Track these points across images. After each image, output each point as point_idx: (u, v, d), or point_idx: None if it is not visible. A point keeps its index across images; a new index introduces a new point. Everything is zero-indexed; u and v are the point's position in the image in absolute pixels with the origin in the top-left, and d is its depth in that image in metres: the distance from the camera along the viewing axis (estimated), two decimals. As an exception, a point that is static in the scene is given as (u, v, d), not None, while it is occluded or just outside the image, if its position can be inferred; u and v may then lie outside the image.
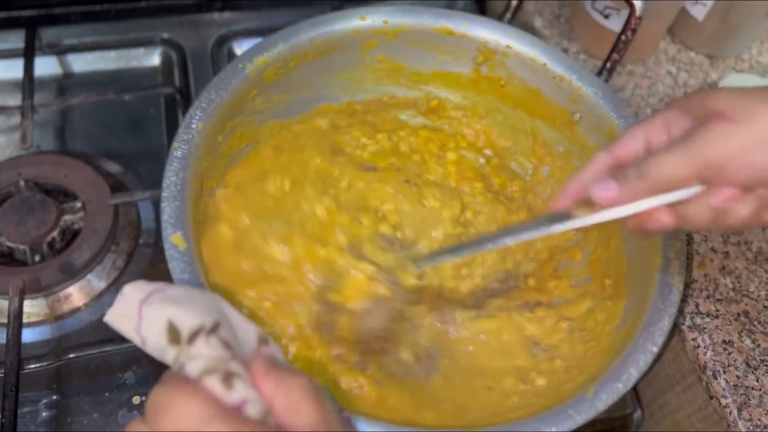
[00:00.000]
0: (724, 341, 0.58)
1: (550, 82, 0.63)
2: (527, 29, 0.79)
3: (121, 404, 0.58)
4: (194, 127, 0.52)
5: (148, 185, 0.70)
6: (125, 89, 0.75)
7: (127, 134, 0.76)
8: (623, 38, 0.63)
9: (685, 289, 0.59)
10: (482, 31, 0.64)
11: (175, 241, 0.46)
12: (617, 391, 0.45)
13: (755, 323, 0.60)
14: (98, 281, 0.64)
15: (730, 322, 0.59)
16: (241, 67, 0.57)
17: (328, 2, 0.85)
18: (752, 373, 0.56)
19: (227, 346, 0.32)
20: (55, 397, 0.57)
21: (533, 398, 0.52)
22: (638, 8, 0.61)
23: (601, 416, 0.45)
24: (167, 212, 0.47)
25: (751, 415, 0.54)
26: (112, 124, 0.76)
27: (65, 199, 0.67)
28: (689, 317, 0.59)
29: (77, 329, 0.62)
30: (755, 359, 0.57)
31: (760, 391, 0.55)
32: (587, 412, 0.44)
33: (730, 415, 0.54)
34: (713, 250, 0.64)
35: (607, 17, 0.75)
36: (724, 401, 0.55)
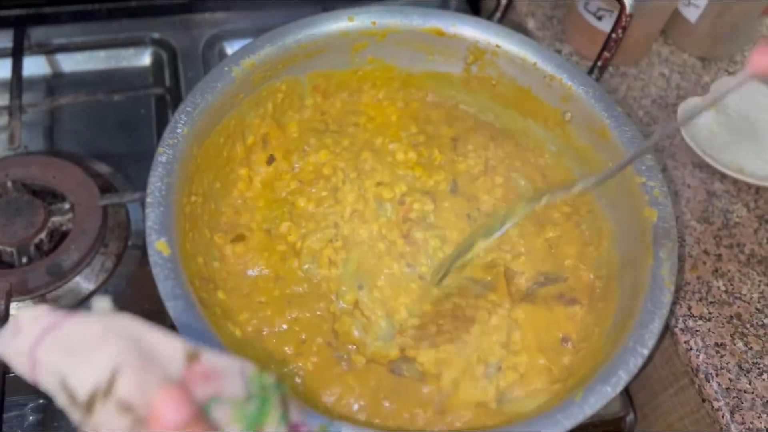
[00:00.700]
0: (716, 344, 0.58)
1: (540, 81, 0.63)
2: (519, 30, 0.79)
3: (108, 407, 0.57)
4: (179, 131, 0.52)
5: (137, 186, 0.70)
6: (115, 89, 0.75)
7: (116, 135, 0.76)
8: (614, 36, 0.62)
9: (677, 291, 0.59)
10: (472, 30, 0.63)
11: (159, 247, 0.46)
12: (606, 394, 0.44)
13: (747, 326, 0.59)
14: (87, 283, 0.63)
15: (722, 324, 0.59)
16: (227, 70, 0.56)
17: (320, 2, 0.84)
18: (745, 376, 0.56)
19: (127, 408, 0.28)
20: (41, 401, 0.57)
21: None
22: (629, 6, 0.60)
23: (592, 419, 0.45)
24: (152, 218, 0.47)
25: (743, 418, 0.54)
26: (101, 124, 0.76)
27: (53, 200, 0.66)
28: (682, 320, 0.59)
29: (65, 332, 0.61)
30: (748, 362, 0.57)
31: (752, 394, 0.55)
32: (575, 416, 0.44)
33: (722, 418, 0.54)
34: (706, 252, 0.64)
35: (600, 19, 0.75)
36: (716, 404, 0.55)
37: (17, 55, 0.74)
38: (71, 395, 0.29)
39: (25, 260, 0.62)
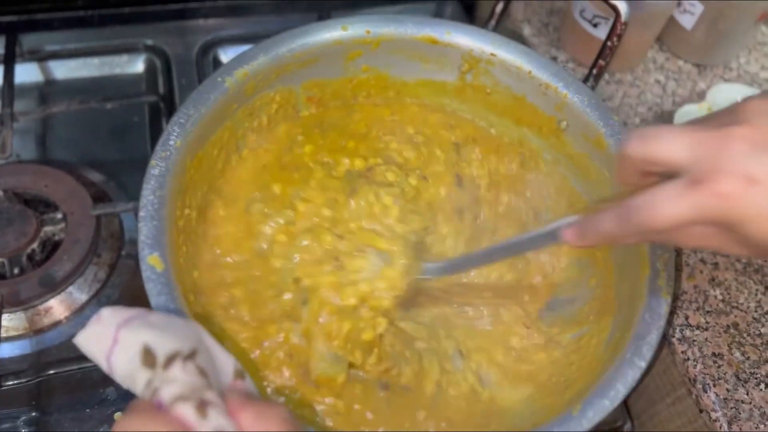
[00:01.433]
0: (714, 354, 0.58)
1: (536, 89, 0.63)
2: (516, 37, 0.79)
3: (102, 420, 0.56)
4: (172, 143, 0.51)
5: (131, 195, 0.69)
6: (108, 97, 0.74)
7: (109, 143, 0.75)
8: (609, 44, 0.62)
9: (674, 300, 0.59)
10: (466, 39, 0.63)
11: (152, 262, 0.45)
12: (604, 408, 0.44)
13: (745, 335, 0.59)
14: (80, 294, 0.63)
15: (719, 334, 0.59)
16: (220, 80, 0.56)
17: (314, 10, 0.84)
18: (742, 386, 0.56)
19: (204, 374, 0.31)
20: (34, 413, 0.56)
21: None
22: (624, 14, 0.60)
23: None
24: (144, 232, 0.46)
25: (741, 429, 0.53)
26: (94, 132, 0.75)
27: (46, 209, 0.66)
28: (679, 329, 0.59)
29: (58, 343, 0.61)
30: (745, 372, 0.57)
31: (750, 404, 0.55)
32: (573, 430, 0.43)
33: (720, 429, 0.54)
34: (702, 261, 0.63)
35: (596, 26, 0.75)
36: (714, 415, 0.55)
37: (9, 62, 0.74)
38: (150, 354, 0.32)
39: (16, 271, 0.62)
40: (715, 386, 0.56)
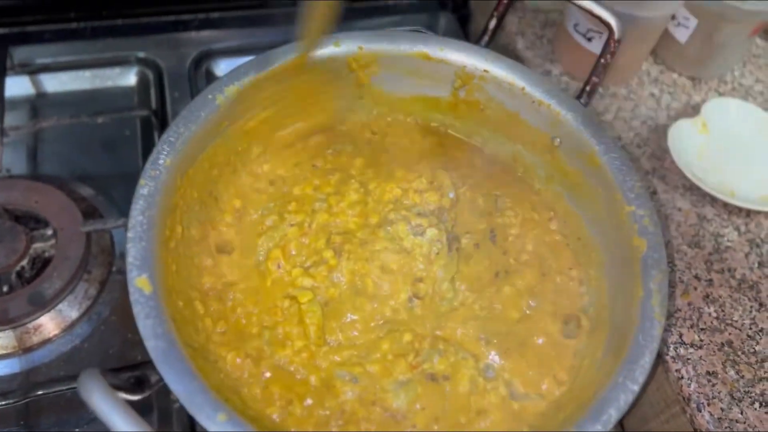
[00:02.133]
0: (708, 372, 0.57)
1: (529, 106, 0.62)
2: (509, 51, 0.79)
3: (92, 441, 0.56)
4: (161, 162, 0.51)
5: (122, 210, 0.69)
6: (100, 111, 0.74)
7: (101, 157, 0.74)
8: (602, 61, 0.62)
9: (668, 318, 0.58)
10: (459, 55, 0.63)
11: (140, 284, 0.44)
12: (597, 433, 0.44)
13: (739, 353, 0.59)
14: (70, 311, 0.62)
15: (713, 352, 0.59)
16: (211, 98, 0.55)
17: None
18: (736, 405, 0.55)
19: None
20: (24, 433, 0.56)
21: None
22: (617, 31, 0.60)
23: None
24: (132, 254, 0.46)
25: (735, 449, 0.53)
26: (85, 146, 0.75)
27: (36, 225, 0.65)
28: (673, 347, 0.59)
29: (47, 361, 0.60)
30: (739, 391, 0.56)
31: (744, 424, 0.54)
32: (565, 456, 0.43)
33: (714, 449, 0.54)
34: (696, 277, 0.63)
35: (590, 40, 0.75)
36: (707, 435, 0.54)
37: (0, 75, 0.73)
38: None
39: (5, 288, 0.61)
40: (709, 405, 0.55)
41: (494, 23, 0.65)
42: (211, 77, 0.82)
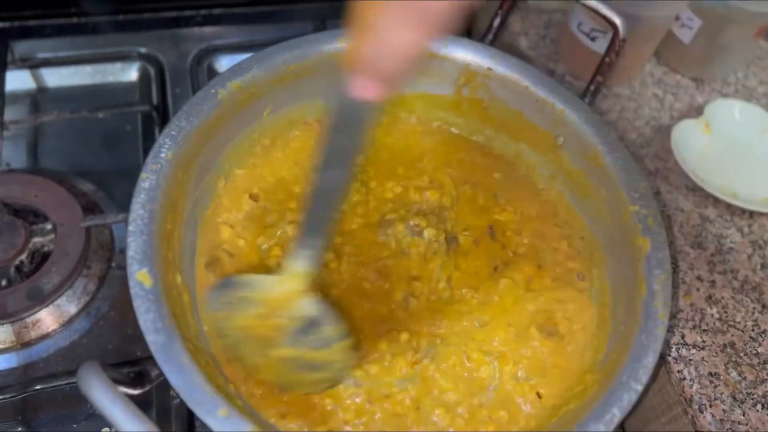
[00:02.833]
0: (710, 373, 0.57)
1: (532, 105, 0.62)
2: (512, 50, 0.79)
3: (89, 436, 0.55)
4: (163, 156, 0.50)
5: (122, 205, 0.68)
6: (100, 106, 0.74)
7: (101, 152, 0.74)
8: (607, 60, 0.62)
9: (670, 319, 0.58)
10: (464, 52, 0.62)
11: (140, 278, 0.44)
12: (600, 432, 0.43)
13: (742, 355, 0.58)
14: (69, 306, 0.62)
15: (716, 353, 0.58)
16: (213, 92, 0.55)
17: (310, 20, 0.83)
18: (738, 407, 0.55)
19: None
20: (20, 429, 0.55)
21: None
22: (622, 30, 0.59)
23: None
24: (133, 248, 0.45)
25: (737, 451, 0.53)
26: (86, 141, 0.74)
27: (35, 220, 0.65)
28: (675, 348, 0.58)
29: (45, 356, 0.60)
30: (742, 392, 0.56)
31: (746, 426, 0.54)
32: (569, 455, 0.43)
33: (716, 450, 0.53)
34: (699, 278, 0.63)
35: (593, 39, 0.74)
36: (710, 436, 0.54)
37: (0, 69, 0.73)
38: None
39: (4, 283, 0.61)
40: (711, 407, 0.55)
41: (498, 21, 0.65)
42: (212, 74, 0.82)
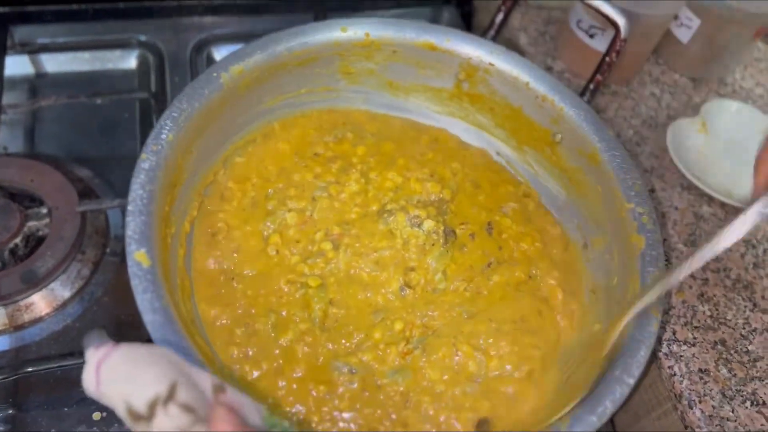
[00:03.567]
0: (700, 370, 0.57)
1: (532, 101, 0.62)
2: (511, 46, 0.79)
3: (80, 420, 0.55)
4: (164, 137, 0.50)
5: (118, 192, 0.68)
6: (99, 92, 0.73)
7: (99, 138, 0.74)
8: (608, 60, 0.62)
9: (662, 315, 0.58)
10: (465, 47, 0.63)
11: (138, 258, 0.44)
12: (592, 424, 0.44)
13: (732, 352, 0.59)
14: (62, 290, 0.62)
15: (707, 350, 0.59)
16: (215, 75, 0.55)
17: (311, 11, 0.83)
18: (728, 403, 0.55)
19: (188, 409, 0.32)
20: (10, 411, 0.55)
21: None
22: (623, 30, 0.60)
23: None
24: (131, 227, 0.45)
25: (725, 447, 0.53)
26: (84, 127, 0.74)
27: (31, 204, 0.65)
28: (666, 344, 0.59)
29: (38, 340, 0.59)
30: (731, 389, 0.56)
31: (735, 422, 0.54)
32: (560, 446, 0.43)
33: (704, 446, 0.54)
34: (692, 276, 0.63)
35: (592, 37, 0.75)
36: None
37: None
38: (133, 412, 0.32)
39: (-2, 265, 0.61)
40: (700, 402, 0.55)
41: (501, 17, 0.65)
42: (212, 63, 0.81)
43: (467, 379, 0.52)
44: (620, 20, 0.60)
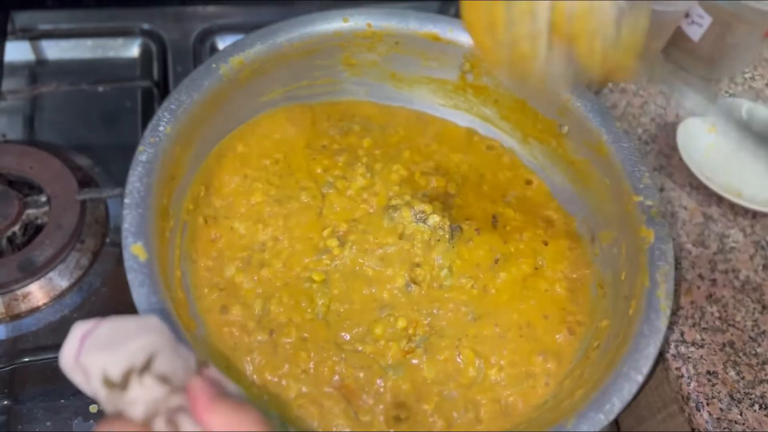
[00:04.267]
0: (708, 372, 0.56)
1: (538, 93, 0.61)
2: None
3: (77, 412, 0.54)
4: (162, 129, 0.49)
5: (118, 181, 0.67)
6: (100, 80, 0.73)
7: (100, 127, 0.73)
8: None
9: (671, 315, 0.58)
10: (469, 37, 0.61)
11: (135, 251, 0.43)
12: (599, 422, 0.43)
13: (740, 354, 0.58)
14: (60, 280, 0.61)
15: (715, 352, 0.58)
16: (215, 67, 0.54)
17: (315, 1, 0.82)
18: (736, 406, 0.54)
19: (164, 380, 0.31)
20: (6, 402, 0.54)
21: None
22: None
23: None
24: (128, 220, 0.45)
25: (733, 450, 0.52)
26: (84, 115, 0.73)
27: (30, 192, 0.64)
28: (674, 345, 0.58)
29: (35, 330, 0.59)
30: (739, 392, 0.55)
31: (743, 425, 0.53)
32: (567, 444, 0.42)
33: (712, 449, 0.53)
34: (700, 276, 0.62)
35: (601, 31, 0.73)
36: (706, 435, 0.53)
37: (0, 39, 0.72)
38: (108, 380, 0.31)
39: (-4, 253, 0.60)
40: (708, 405, 0.54)
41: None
42: (214, 52, 0.81)
43: (462, 383, 0.51)
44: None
